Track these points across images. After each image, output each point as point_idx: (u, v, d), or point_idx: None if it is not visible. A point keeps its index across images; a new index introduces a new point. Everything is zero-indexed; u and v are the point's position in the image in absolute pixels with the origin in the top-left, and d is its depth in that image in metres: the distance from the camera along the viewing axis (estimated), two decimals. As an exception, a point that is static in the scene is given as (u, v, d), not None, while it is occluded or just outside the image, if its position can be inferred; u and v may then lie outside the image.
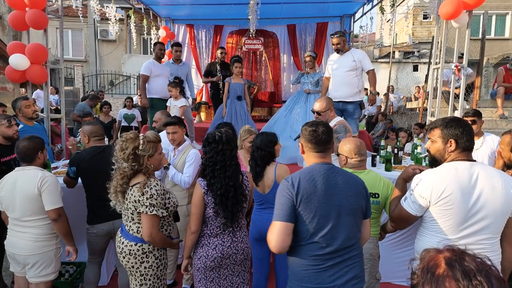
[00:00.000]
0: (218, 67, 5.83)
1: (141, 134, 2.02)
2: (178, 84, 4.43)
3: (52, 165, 3.38)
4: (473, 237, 1.60)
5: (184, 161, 2.88)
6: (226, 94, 4.85)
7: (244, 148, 3.00)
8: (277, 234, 1.52)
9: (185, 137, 3.25)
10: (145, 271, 2.00)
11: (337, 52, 4.18)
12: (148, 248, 1.99)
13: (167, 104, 4.60)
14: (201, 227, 2.07)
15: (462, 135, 1.66)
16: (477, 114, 3.24)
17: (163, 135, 3.54)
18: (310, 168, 1.65)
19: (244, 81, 4.98)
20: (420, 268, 0.84)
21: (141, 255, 1.99)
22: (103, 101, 6.80)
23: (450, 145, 1.68)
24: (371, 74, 4.17)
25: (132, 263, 2.00)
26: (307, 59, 4.97)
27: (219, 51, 6.00)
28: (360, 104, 4.24)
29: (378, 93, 10.18)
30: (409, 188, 1.77)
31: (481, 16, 5.76)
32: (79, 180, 2.62)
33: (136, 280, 2.02)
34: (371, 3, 6.33)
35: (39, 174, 2.24)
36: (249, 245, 2.17)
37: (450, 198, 1.59)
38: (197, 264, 2.05)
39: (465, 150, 1.67)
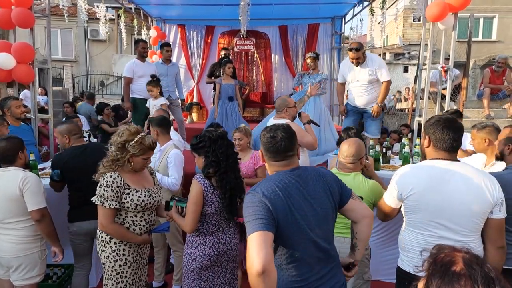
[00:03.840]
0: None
1: (142, 134, 2.04)
2: (158, 83, 4.36)
3: (39, 166, 3.33)
4: (449, 232, 1.64)
5: (165, 162, 2.85)
6: (218, 95, 4.82)
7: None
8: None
9: (173, 136, 3.23)
10: (104, 261, 2.06)
11: (356, 65, 4.00)
12: (106, 238, 2.04)
13: (146, 105, 4.50)
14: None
15: (441, 134, 1.69)
16: (455, 113, 3.28)
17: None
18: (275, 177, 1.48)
19: (235, 81, 4.98)
20: (431, 260, 0.82)
21: (101, 243, 2.07)
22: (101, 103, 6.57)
23: (425, 141, 1.77)
24: (385, 86, 4.00)
25: (97, 248, 2.11)
26: (308, 60, 4.87)
27: (223, 52, 6.00)
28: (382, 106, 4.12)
29: (385, 105, 10.20)
30: None
31: (469, 19, 5.87)
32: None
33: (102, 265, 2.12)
34: (361, 5, 6.40)
35: (21, 174, 2.19)
36: (238, 240, 2.19)
37: (418, 196, 1.66)
38: (192, 265, 2.03)
39: (446, 149, 1.70)
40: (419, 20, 15.57)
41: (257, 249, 1.24)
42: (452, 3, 3.26)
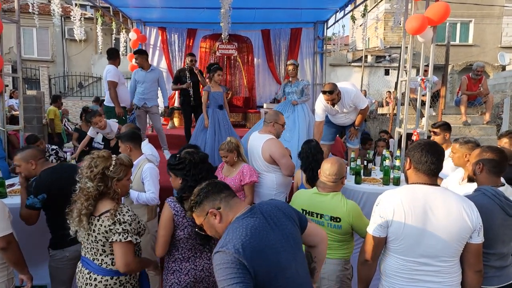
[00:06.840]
0: (188, 74, 5.67)
1: (113, 155, 1.90)
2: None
3: (8, 182, 3.15)
4: (430, 259, 1.65)
5: (140, 177, 2.74)
6: (206, 103, 4.57)
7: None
8: None
9: (147, 150, 3.11)
10: None
11: (332, 106, 3.95)
12: (126, 279, 1.91)
13: (88, 133, 4.27)
14: (170, 251, 1.98)
15: (421, 156, 1.70)
16: (441, 126, 3.37)
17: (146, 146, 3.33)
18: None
19: (223, 88, 4.83)
20: None
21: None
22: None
23: (407, 164, 1.79)
24: (362, 111, 4.06)
25: None
26: (290, 67, 4.72)
27: (188, 58, 5.85)
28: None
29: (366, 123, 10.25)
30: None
31: (446, 24, 6.00)
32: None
33: None
34: (343, 11, 6.43)
35: None
36: None
37: (400, 223, 1.65)
38: None
39: (425, 172, 1.71)
40: (399, 24, 15.88)
41: None
42: (431, 16, 3.30)
